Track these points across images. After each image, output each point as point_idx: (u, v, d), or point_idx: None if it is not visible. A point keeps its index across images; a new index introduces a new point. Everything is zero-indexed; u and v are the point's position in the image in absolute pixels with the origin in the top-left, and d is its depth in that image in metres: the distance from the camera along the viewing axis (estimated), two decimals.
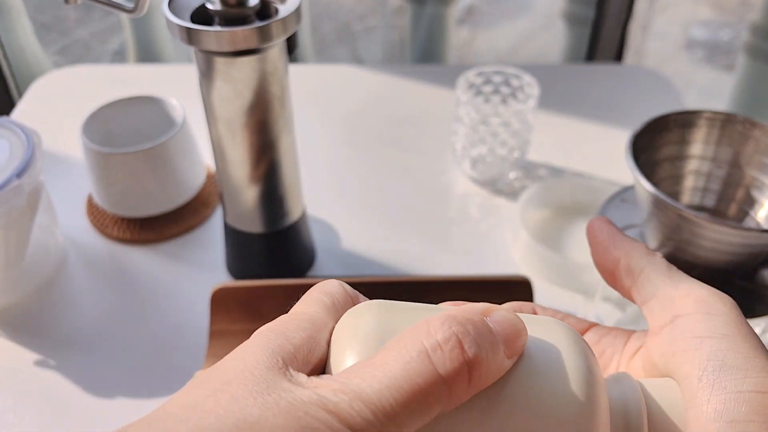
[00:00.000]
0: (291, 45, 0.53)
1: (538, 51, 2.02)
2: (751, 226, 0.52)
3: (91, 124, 0.69)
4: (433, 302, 0.63)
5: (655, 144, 0.53)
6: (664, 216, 0.48)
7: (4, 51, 1.14)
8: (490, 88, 0.76)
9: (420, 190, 0.76)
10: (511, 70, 0.75)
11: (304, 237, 0.65)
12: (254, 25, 0.48)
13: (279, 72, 0.53)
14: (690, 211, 0.46)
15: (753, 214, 0.53)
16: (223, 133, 0.55)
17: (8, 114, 0.91)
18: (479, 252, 0.69)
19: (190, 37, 0.48)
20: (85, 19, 2.04)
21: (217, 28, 0.48)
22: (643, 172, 0.49)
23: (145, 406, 0.56)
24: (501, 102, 0.77)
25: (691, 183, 0.56)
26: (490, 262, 0.68)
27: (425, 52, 1.27)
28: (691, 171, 0.55)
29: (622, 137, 0.79)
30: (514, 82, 0.75)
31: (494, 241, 0.70)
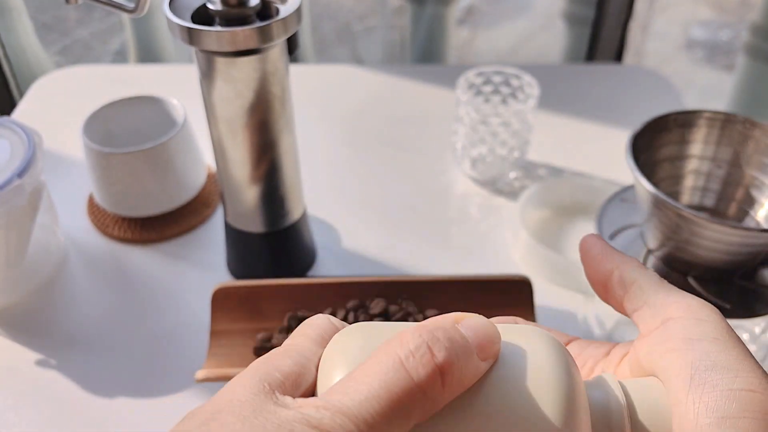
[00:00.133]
0: (291, 45, 0.53)
1: (538, 51, 2.02)
2: (751, 226, 0.53)
3: (92, 124, 0.69)
4: (433, 301, 0.64)
5: (655, 144, 0.53)
6: (664, 216, 0.48)
7: (5, 51, 1.14)
8: (490, 88, 0.76)
9: (420, 189, 0.76)
10: (511, 70, 0.75)
11: (305, 237, 0.65)
12: (255, 26, 0.48)
13: (280, 72, 0.53)
14: (690, 211, 0.46)
15: (753, 213, 0.53)
16: (223, 133, 0.55)
17: (9, 114, 0.91)
18: (479, 252, 0.69)
19: (191, 37, 0.48)
20: (85, 19, 2.04)
21: (218, 29, 0.48)
22: (643, 172, 0.49)
23: (146, 405, 0.56)
24: (501, 102, 0.77)
25: (691, 183, 0.56)
26: (490, 262, 0.68)
27: (425, 52, 1.28)
28: (691, 171, 0.55)
29: (622, 137, 0.79)
30: (514, 82, 0.75)
31: (494, 241, 0.70)
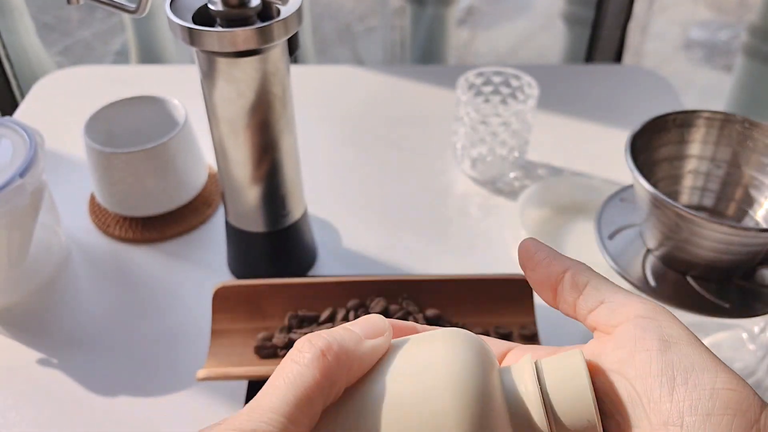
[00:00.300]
0: (292, 45, 0.53)
1: (538, 51, 2.02)
2: (750, 226, 0.53)
3: (94, 124, 0.69)
4: (433, 301, 0.64)
5: (654, 144, 0.53)
6: (663, 215, 0.49)
7: (7, 51, 1.14)
8: (490, 89, 0.76)
9: (420, 189, 0.77)
10: (510, 70, 0.75)
11: (306, 236, 0.65)
12: (256, 26, 0.48)
13: (280, 72, 0.53)
14: (689, 211, 0.46)
15: (752, 213, 0.54)
16: (224, 133, 0.55)
17: (11, 114, 0.91)
18: (479, 251, 0.69)
19: (192, 37, 0.48)
20: (87, 20, 2.04)
21: (219, 29, 0.48)
22: (642, 172, 0.49)
23: (147, 404, 0.56)
24: (501, 102, 0.77)
25: (690, 182, 0.56)
26: (490, 262, 0.68)
27: (425, 53, 1.28)
28: (690, 171, 0.55)
29: (621, 137, 0.79)
30: (514, 83, 0.75)
31: (494, 241, 0.70)
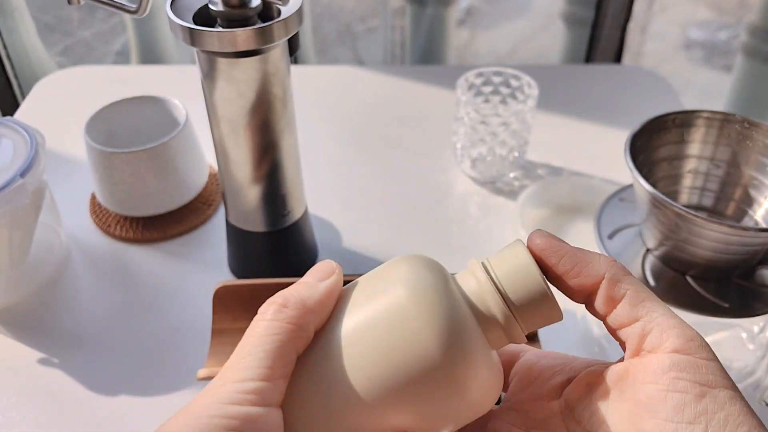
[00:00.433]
0: (293, 46, 0.53)
1: (538, 52, 2.02)
2: (749, 225, 0.53)
3: (94, 124, 0.69)
4: None
5: (653, 144, 0.54)
6: (663, 215, 0.49)
7: (8, 51, 1.15)
8: (490, 89, 0.77)
9: (420, 189, 0.77)
10: (510, 70, 0.75)
11: (306, 236, 0.65)
12: (256, 26, 0.48)
13: (281, 73, 0.53)
14: (688, 211, 0.46)
15: (751, 213, 0.54)
16: (225, 133, 0.55)
17: (12, 114, 0.91)
18: (479, 251, 0.69)
19: (193, 38, 0.48)
20: (88, 20, 2.05)
21: (219, 29, 0.48)
22: (641, 172, 0.49)
23: (148, 403, 0.56)
24: (500, 102, 0.77)
25: (690, 182, 0.56)
26: None
27: (425, 53, 1.28)
28: (690, 170, 0.55)
29: (620, 137, 0.79)
30: (514, 83, 0.75)
31: (494, 240, 0.71)
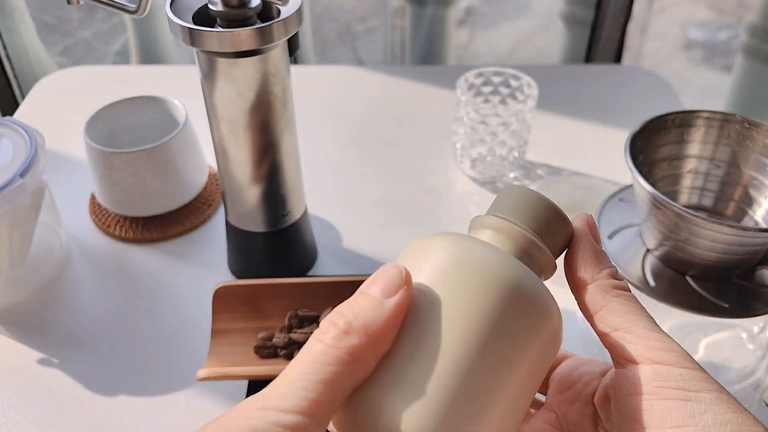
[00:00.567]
0: (292, 46, 0.53)
1: (537, 52, 2.02)
2: (749, 226, 0.53)
3: (94, 124, 0.69)
4: None
5: (653, 144, 0.54)
6: (663, 215, 0.49)
7: (8, 51, 1.15)
8: (490, 89, 0.77)
9: (420, 189, 0.77)
10: (510, 70, 0.75)
11: (306, 236, 0.65)
12: (256, 26, 0.48)
13: (281, 73, 0.53)
14: (688, 211, 0.46)
15: (751, 213, 0.54)
16: (225, 134, 0.55)
17: (12, 114, 0.91)
18: None
19: (192, 38, 0.48)
20: (87, 20, 2.05)
21: (219, 29, 0.48)
22: (641, 172, 0.49)
23: (147, 403, 0.56)
24: (500, 102, 0.77)
25: (689, 183, 0.56)
26: None
27: (425, 53, 1.28)
28: (690, 171, 0.55)
29: (620, 137, 0.79)
30: (514, 83, 0.75)
31: None
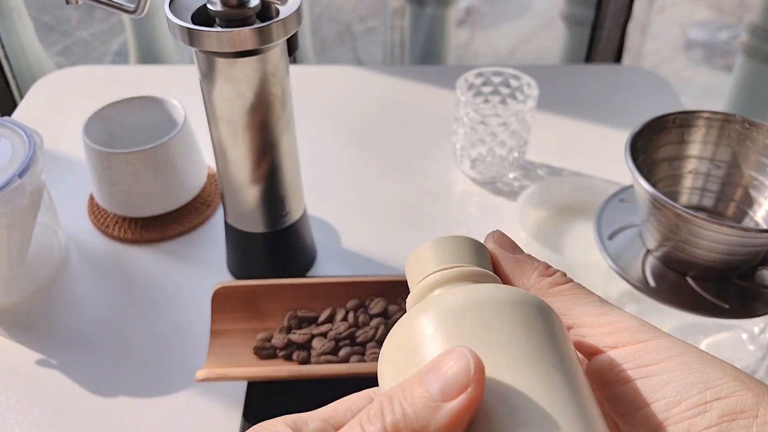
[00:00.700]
0: (291, 46, 0.53)
1: (537, 52, 2.02)
2: (749, 226, 0.53)
3: (93, 125, 0.69)
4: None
5: (653, 144, 0.53)
6: (663, 216, 0.49)
7: (6, 51, 1.14)
8: (490, 89, 0.76)
9: (420, 189, 0.77)
10: (510, 70, 0.75)
11: (305, 236, 0.65)
12: (255, 26, 0.48)
13: (280, 73, 0.53)
14: (688, 211, 0.46)
15: (751, 213, 0.54)
16: (224, 134, 0.55)
17: (10, 114, 0.91)
18: None
19: (191, 38, 0.48)
20: (86, 20, 2.05)
21: (218, 29, 0.48)
22: (641, 173, 0.49)
23: (146, 404, 0.56)
24: (500, 102, 0.77)
25: (690, 183, 0.56)
26: None
27: (425, 53, 1.28)
28: (690, 171, 0.55)
29: (620, 137, 0.79)
30: (514, 83, 0.75)
31: None
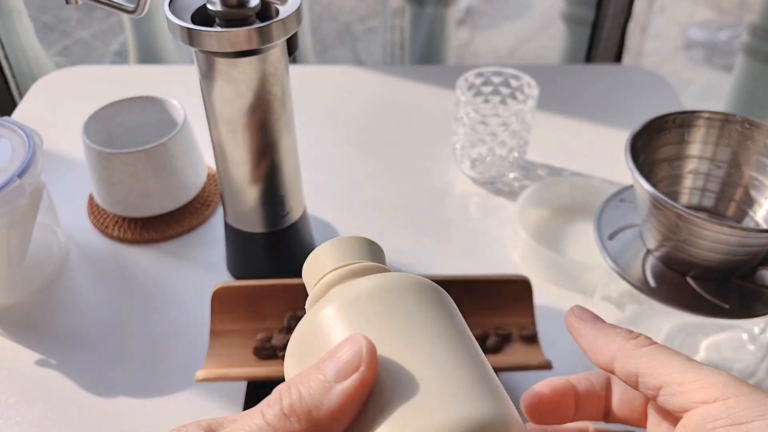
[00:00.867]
0: (291, 46, 0.53)
1: (538, 52, 2.02)
2: (750, 226, 0.53)
3: (93, 125, 0.69)
4: None
5: (654, 144, 0.53)
6: (663, 216, 0.48)
7: (6, 51, 1.14)
8: (490, 89, 0.76)
9: (420, 189, 0.77)
10: (510, 70, 0.75)
11: (305, 237, 0.65)
12: (255, 26, 0.48)
13: (279, 73, 0.53)
14: (688, 211, 0.46)
15: (752, 213, 0.54)
16: (223, 134, 0.55)
17: (9, 114, 0.91)
18: (479, 252, 0.69)
19: (191, 37, 0.48)
20: (86, 20, 2.05)
21: (218, 29, 0.48)
22: (641, 173, 0.49)
23: (146, 405, 0.56)
24: (500, 102, 0.77)
25: (690, 183, 0.56)
26: (489, 262, 0.68)
27: (425, 53, 1.28)
28: (690, 171, 0.55)
29: (621, 137, 0.79)
30: (514, 83, 0.75)
31: (494, 241, 0.70)
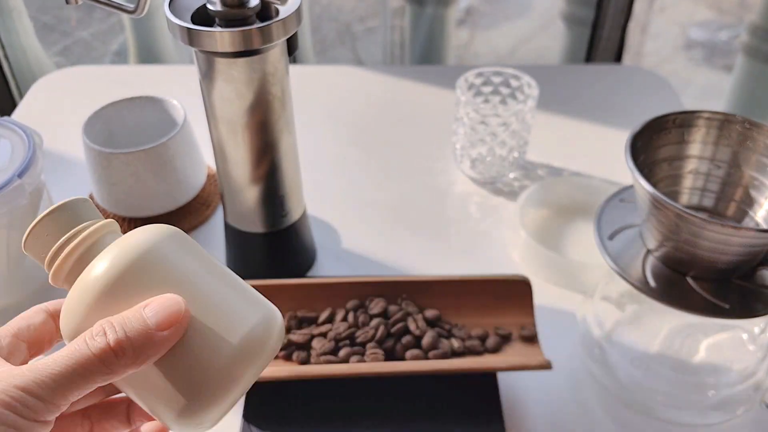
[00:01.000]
0: (291, 46, 0.53)
1: (538, 52, 2.02)
2: (750, 226, 0.53)
3: (93, 125, 0.69)
4: (433, 301, 0.63)
5: (654, 144, 0.53)
6: (663, 216, 0.48)
7: (6, 51, 1.14)
8: (490, 89, 0.76)
9: (420, 189, 0.77)
10: (510, 70, 0.75)
11: (305, 237, 0.65)
12: (254, 26, 0.48)
13: (279, 73, 0.53)
14: (688, 211, 0.46)
15: (752, 213, 0.54)
16: (223, 134, 0.55)
17: (9, 114, 0.91)
18: (479, 252, 0.69)
19: (191, 37, 0.48)
20: (86, 20, 2.05)
21: (218, 29, 0.48)
22: (642, 173, 0.49)
23: None
24: (500, 102, 0.77)
25: (690, 183, 0.56)
26: (489, 262, 0.68)
27: (425, 53, 1.28)
28: (690, 171, 0.55)
29: (621, 137, 0.79)
30: (514, 83, 0.75)
31: (494, 241, 0.70)
